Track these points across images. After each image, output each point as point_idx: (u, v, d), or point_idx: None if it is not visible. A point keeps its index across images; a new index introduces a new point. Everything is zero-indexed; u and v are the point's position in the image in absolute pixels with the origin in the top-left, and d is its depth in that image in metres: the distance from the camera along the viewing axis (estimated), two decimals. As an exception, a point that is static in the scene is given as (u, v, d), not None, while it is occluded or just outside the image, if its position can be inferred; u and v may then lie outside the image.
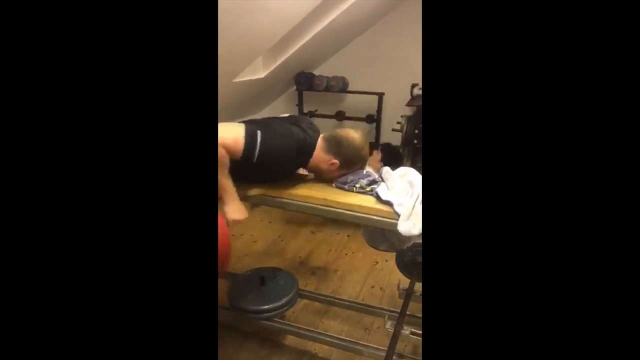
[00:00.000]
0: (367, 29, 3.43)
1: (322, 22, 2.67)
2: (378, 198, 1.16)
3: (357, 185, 1.24)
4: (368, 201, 1.18)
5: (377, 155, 2.55)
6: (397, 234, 1.08)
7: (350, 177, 1.27)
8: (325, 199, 1.20)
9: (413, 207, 1.07)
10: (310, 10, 2.25)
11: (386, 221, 1.14)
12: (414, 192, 1.13)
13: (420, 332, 1.36)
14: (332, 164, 1.24)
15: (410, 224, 1.05)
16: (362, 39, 3.49)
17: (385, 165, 2.52)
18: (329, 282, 2.17)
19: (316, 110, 3.54)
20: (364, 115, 3.40)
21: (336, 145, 1.24)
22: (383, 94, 3.31)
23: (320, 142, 1.26)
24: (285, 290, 1.55)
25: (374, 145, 2.65)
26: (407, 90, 3.19)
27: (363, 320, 1.82)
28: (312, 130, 1.28)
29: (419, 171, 3.13)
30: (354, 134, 1.27)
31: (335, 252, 2.49)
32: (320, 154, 1.25)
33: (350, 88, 3.40)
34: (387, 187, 1.20)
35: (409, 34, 3.30)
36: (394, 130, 3.12)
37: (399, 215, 1.08)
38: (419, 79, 3.20)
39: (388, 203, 1.12)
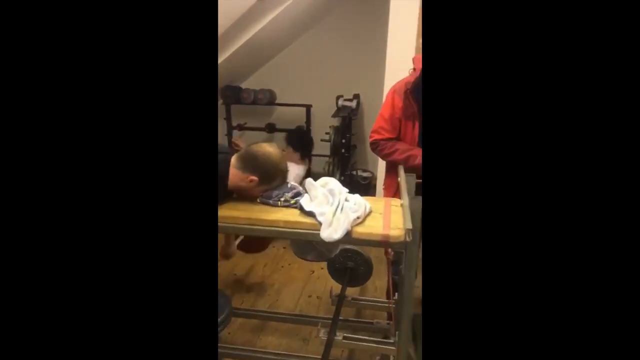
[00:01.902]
0: (292, 42, 3.50)
1: (245, 35, 2.68)
2: (302, 210, 1.19)
3: (282, 199, 1.25)
4: (293, 215, 1.20)
5: (291, 154, 2.44)
6: (325, 242, 1.11)
7: (275, 192, 1.28)
8: (249, 218, 1.19)
9: (334, 214, 1.11)
10: (231, 23, 2.24)
11: (311, 232, 1.16)
12: (335, 200, 1.17)
13: (354, 336, 1.40)
14: (251, 180, 1.23)
15: (332, 229, 1.08)
16: (288, 52, 3.55)
17: (300, 150, 2.49)
18: (266, 297, 2.14)
19: (245, 123, 3.51)
20: (293, 127, 3.45)
21: (252, 162, 1.23)
22: (310, 105, 3.39)
23: (233, 161, 1.24)
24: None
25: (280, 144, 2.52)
26: (333, 101, 3.31)
27: (301, 332, 1.82)
28: (219, 152, 1.25)
29: (348, 179, 3.19)
30: (269, 147, 1.28)
31: (271, 265, 2.47)
32: (236, 173, 1.23)
33: (278, 100, 3.43)
34: (310, 198, 1.23)
35: (333, 46, 3.44)
36: (322, 140, 3.21)
37: (321, 224, 1.11)
38: (344, 91, 3.34)
39: (311, 214, 1.15)
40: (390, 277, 1.37)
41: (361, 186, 3.22)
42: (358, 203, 1.19)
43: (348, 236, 1.10)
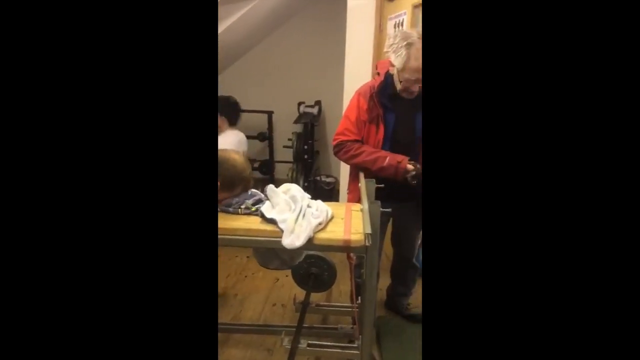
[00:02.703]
0: (251, 49, 3.48)
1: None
2: (263, 217, 1.17)
3: (243, 207, 1.23)
4: (254, 222, 1.18)
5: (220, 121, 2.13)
6: (287, 250, 1.10)
7: (235, 199, 1.25)
8: (208, 225, 1.15)
9: (296, 221, 1.10)
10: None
11: (273, 240, 1.15)
12: (297, 206, 1.17)
13: (318, 342, 1.39)
14: None
15: (294, 236, 1.08)
16: (248, 59, 3.52)
17: (225, 115, 2.36)
18: (229, 308, 2.08)
19: (205, 130, 3.42)
20: (255, 134, 3.41)
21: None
22: (272, 112, 3.38)
23: None
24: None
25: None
26: (295, 108, 3.32)
27: (266, 342, 1.78)
28: None
29: (312, 185, 3.20)
30: (235, 155, 1.26)
31: (234, 275, 2.41)
32: None
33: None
34: (272, 205, 1.22)
35: (294, 52, 3.45)
36: (285, 147, 3.20)
37: (283, 232, 1.10)
38: (305, 97, 3.36)
39: (272, 221, 1.14)
40: (353, 281, 1.38)
41: (325, 192, 3.24)
42: (320, 209, 1.20)
43: (310, 243, 1.09)
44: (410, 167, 1.36)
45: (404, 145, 1.44)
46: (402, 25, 2.02)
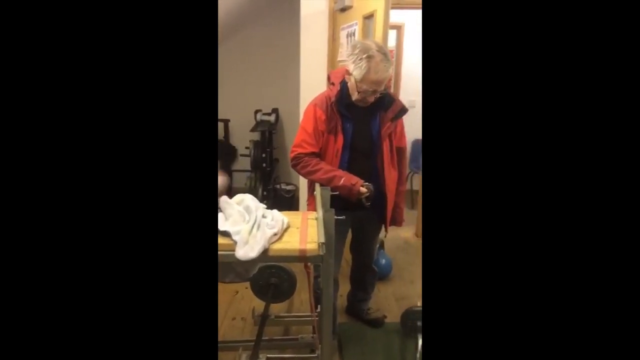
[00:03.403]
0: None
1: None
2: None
3: (194, 219, 1.18)
4: (206, 234, 1.14)
5: None
6: (242, 262, 1.07)
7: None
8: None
9: (250, 232, 1.08)
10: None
11: (226, 253, 1.11)
12: (251, 217, 1.14)
13: (277, 355, 1.36)
14: None
15: (248, 248, 1.05)
16: (201, 66, 3.43)
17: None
18: (186, 326, 1.98)
19: (158, 140, 3.27)
20: (211, 142, 3.31)
21: None
22: (228, 120, 3.31)
23: None
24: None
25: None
26: (252, 115, 3.28)
27: (225, 359, 1.72)
28: None
29: (271, 193, 3.14)
30: None
31: (192, 290, 2.31)
32: None
33: (193, 115, 3.28)
34: (225, 216, 1.18)
35: (249, 60, 3.41)
36: (242, 155, 3.15)
37: (237, 243, 1.07)
38: (262, 105, 3.33)
39: (226, 234, 1.10)
40: (311, 290, 1.37)
41: (285, 200, 3.22)
42: (275, 219, 1.18)
43: (265, 254, 1.07)
44: (363, 190, 1.37)
45: (362, 152, 1.46)
46: (354, 35, 2.07)
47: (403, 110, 1.46)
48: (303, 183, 2.60)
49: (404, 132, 1.57)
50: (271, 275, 1.67)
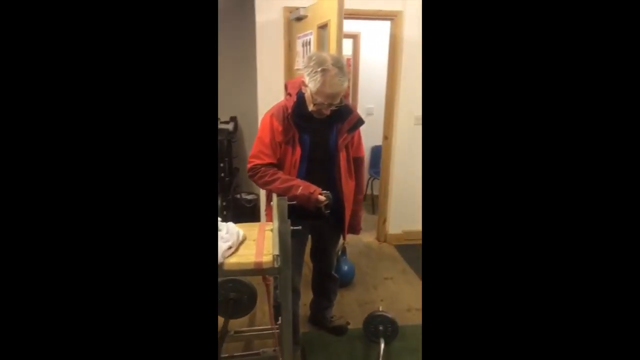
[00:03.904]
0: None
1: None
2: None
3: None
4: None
5: None
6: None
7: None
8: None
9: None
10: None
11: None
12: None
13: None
14: None
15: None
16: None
17: None
18: (141, 348, 1.87)
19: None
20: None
21: None
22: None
23: None
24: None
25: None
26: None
27: (184, 379, 1.64)
28: None
29: (231, 203, 3.05)
30: None
31: (147, 309, 2.19)
32: None
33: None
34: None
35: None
36: (201, 165, 3.05)
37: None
38: (220, 113, 3.26)
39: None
40: (270, 303, 1.34)
41: (246, 210, 3.15)
42: (230, 232, 1.15)
43: (220, 268, 1.04)
44: (321, 197, 1.37)
45: (320, 162, 1.45)
46: (309, 44, 2.09)
47: (360, 121, 1.48)
48: (264, 192, 2.57)
49: (361, 143, 1.59)
50: (230, 290, 1.62)
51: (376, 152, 3.52)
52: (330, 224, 1.58)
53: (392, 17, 2.52)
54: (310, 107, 1.37)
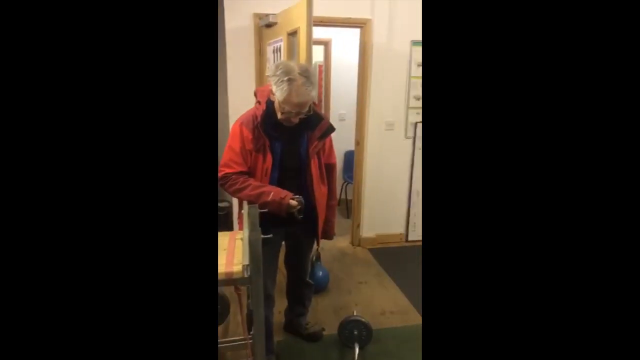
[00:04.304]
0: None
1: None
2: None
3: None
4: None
5: None
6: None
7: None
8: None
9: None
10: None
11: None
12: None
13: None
14: None
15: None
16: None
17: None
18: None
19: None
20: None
21: None
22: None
23: None
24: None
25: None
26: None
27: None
28: None
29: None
30: None
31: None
32: None
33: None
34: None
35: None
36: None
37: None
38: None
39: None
40: (243, 312, 1.32)
41: (219, 217, 3.10)
42: (199, 242, 1.12)
43: (189, 281, 1.01)
44: (293, 202, 1.37)
45: (291, 170, 1.45)
46: (280, 51, 2.09)
47: (330, 128, 1.49)
48: (237, 201, 2.53)
49: (332, 149, 1.60)
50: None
51: (349, 157, 3.56)
52: (303, 230, 1.58)
53: (361, 25, 2.57)
54: (279, 116, 1.37)
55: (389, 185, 2.90)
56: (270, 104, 1.39)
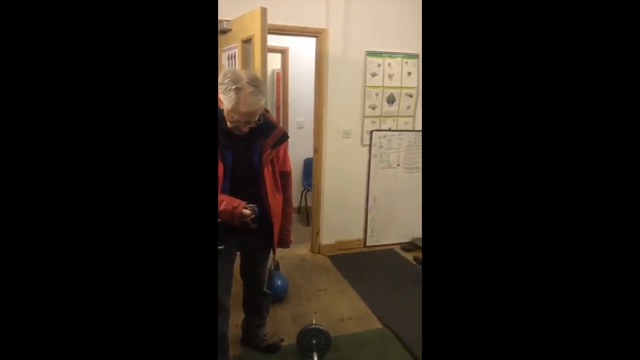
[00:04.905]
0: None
1: None
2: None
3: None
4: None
5: None
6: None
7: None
8: None
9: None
10: None
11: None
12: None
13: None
14: None
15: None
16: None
17: None
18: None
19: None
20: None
21: None
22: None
23: None
24: None
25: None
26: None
27: None
28: None
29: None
30: None
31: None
32: None
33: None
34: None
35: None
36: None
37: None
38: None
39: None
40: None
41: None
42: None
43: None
44: (247, 211, 1.34)
45: (244, 179, 1.43)
46: (234, 58, 2.06)
47: (284, 136, 1.49)
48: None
49: (287, 157, 1.60)
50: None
51: (309, 164, 3.57)
52: (258, 240, 1.55)
53: (317, 34, 2.61)
54: (228, 124, 1.34)
55: (347, 192, 2.94)
56: (220, 112, 1.37)
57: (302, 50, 3.51)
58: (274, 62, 3.55)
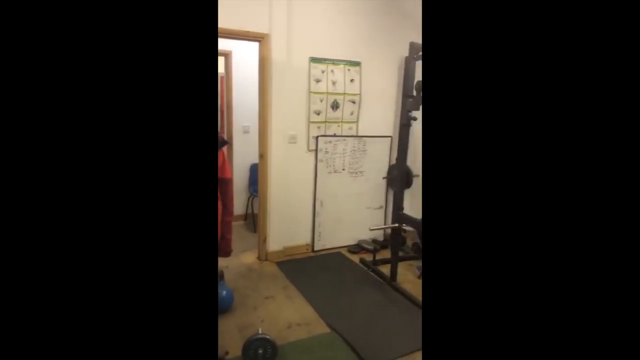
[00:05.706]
0: None
1: None
2: None
3: None
4: None
5: None
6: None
7: None
8: None
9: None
10: None
11: None
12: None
13: None
14: None
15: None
16: None
17: None
18: None
19: None
20: None
21: None
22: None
23: None
24: None
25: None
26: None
27: None
28: None
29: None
30: None
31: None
32: None
33: None
34: None
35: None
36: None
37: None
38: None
39: None
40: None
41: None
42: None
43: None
44: None
45: None
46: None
47: (223, 142, 1.45)
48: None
49: (226, 163, 1.56)
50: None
51: (255, 170, 3.51)
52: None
53: (259, 39, 2.58)
54: None
55: (294, 197, 2.93)
56: None
57: (247, 54, 3.46)
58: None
